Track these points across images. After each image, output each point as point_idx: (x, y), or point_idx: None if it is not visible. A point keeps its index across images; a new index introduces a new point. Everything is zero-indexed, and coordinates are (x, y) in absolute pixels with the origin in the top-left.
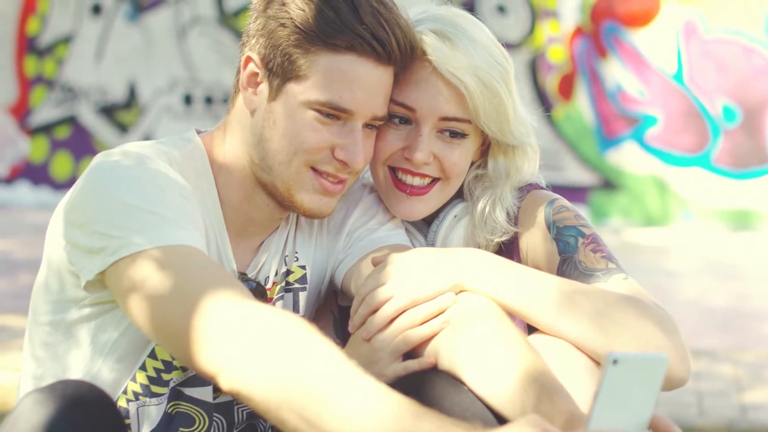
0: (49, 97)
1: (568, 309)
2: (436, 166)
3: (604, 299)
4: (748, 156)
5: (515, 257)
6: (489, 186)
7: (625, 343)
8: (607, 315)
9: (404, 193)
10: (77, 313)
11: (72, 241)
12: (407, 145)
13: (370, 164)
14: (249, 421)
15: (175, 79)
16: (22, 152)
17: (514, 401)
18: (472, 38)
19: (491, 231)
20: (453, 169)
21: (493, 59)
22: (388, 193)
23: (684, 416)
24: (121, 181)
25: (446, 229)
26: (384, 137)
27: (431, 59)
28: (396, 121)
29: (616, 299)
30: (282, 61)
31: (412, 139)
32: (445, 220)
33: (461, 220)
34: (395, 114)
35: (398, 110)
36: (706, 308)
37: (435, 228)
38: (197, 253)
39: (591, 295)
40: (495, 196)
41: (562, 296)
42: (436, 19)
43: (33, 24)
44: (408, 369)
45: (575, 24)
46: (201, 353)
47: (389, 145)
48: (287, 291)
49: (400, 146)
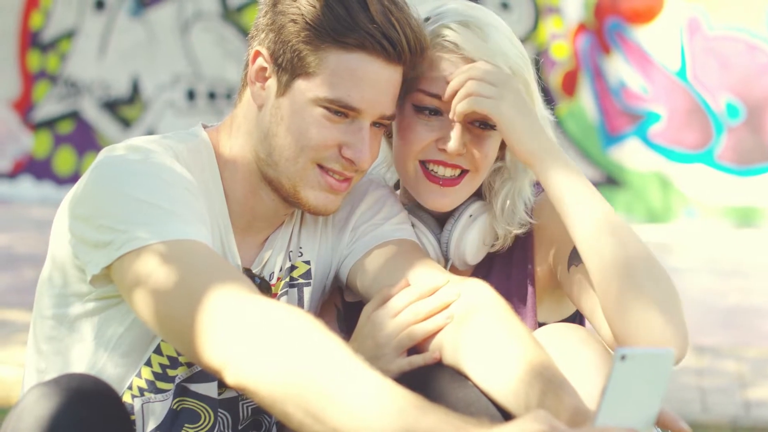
0: (52, 92)
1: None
2: (467, 158)
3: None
4: (752, 153)
5: (529, 253)
6: (508, 178)
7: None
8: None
9: (437, 184)
10: (81, 308)
11: (78, 235)
12: (440, 136)
13: (399, 158)
14: (254, 417)
15: (178, 75)
16: (25, 147)
17: (518, 396)
18: (497, 28)
19: (510, 222)
20: (483, 161)
21: (518, 49)
22: (418, 185)
23: (687, 413)
24: (127, 176)
25: (461, 228)
26: (414, 129)
27: (463, 50)
28: (426, 113)
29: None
30: (291, 57)
31: (445, 130)
32: (461, 219)
33: (476, 219)
34: (425, 106)
35: (430, 101)
36: (710, 305)
37: (450, 227)
38: (203, 248)
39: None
40: (515, 189)
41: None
42: (458, 12)
43: (36, 19)
44: (413, 364)
45: (578, 20)
46: (206, 348)
47: (420, 137)
48: (292, 286)
49: (433, 138)
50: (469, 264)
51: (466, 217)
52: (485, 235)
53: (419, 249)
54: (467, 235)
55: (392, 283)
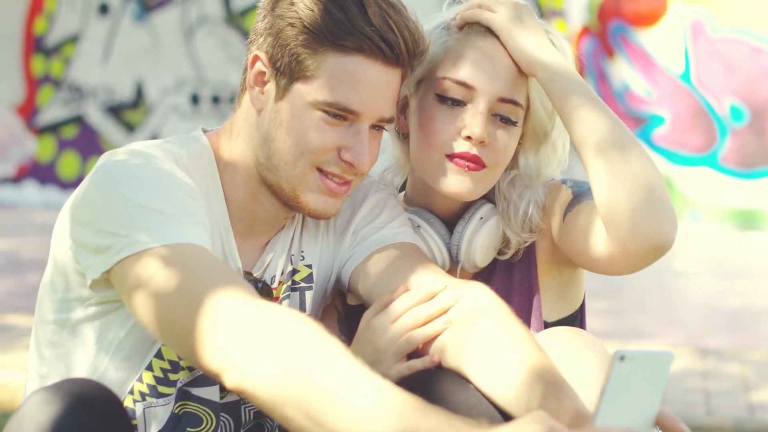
0: (56, 97)
1: None
2: (488, 150)
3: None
4: (756, 156)
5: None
6: (526, 187)
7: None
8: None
9: (462, 168)
10: (83, 312)
11: (78, 239)
12: (464, 125)
13: (422, 152)
14: (256, 421)
15: (182, 79)
16: (29, 152)
17: (520, 399)
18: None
19: (524, 228)
20: (502, 155)
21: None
22: (442, 171)
23: (691, 416)
24: (128, 180)
25: (472, 230)
26: (438, 119)
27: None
28: (449, 102)
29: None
30: (289, 61)
31: (468, 119)
32: (471, 222)
33: (487, 221)
34: (447, 96)
35: (454, 90)
36: (714, 308)
37: (460, 229)
38: (203, 252)
39: None
40: (533, 198)
41: None
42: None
43: (40, 24)
44: (412, 369)
45: (582, 24)
46: (206, 351)
47: (445, 128)
48: (294, 290)
49: (457, 127)
50: (478, 266)
51: (477, 219)
52: (495, 238)
53: (420, 252)
54: (478, 236)
55: (393, 287)
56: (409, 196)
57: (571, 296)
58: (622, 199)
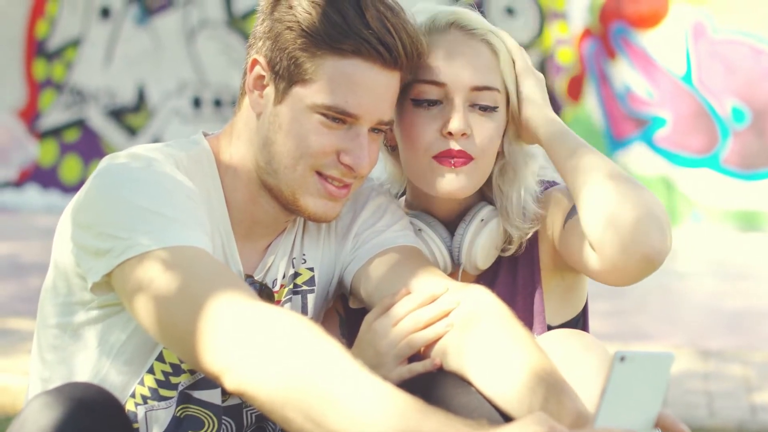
0: (58, 101)
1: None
2: (472, 142)
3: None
4: (757, 157)
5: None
6: (513, 176)
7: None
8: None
9: (449, 166)
10: (84, 316)
11: (79, 243)
12: (443, 122)
13: (409, 159)
14: (258, 424)
15: (184, 82)
16: (31, 156)
17: (521, 402)
18: None
19: (524, 219)
20: (488, 143)
21: None
22: (431, 173)
23: (693, 417)
24: (129, 183)
25: (472, 233)
26: (417, 122)
27: (462, 25)
28: (425, 105)
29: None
30: (288, 65)
31: (446, 115)
32: (472, 224)
33: (488, 223)
34: (423, 98)
35: (427, 90)
36: (716, 309)
37: (461, 231)
38: (204, 255)
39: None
40: (521, 183)
41: None
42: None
43: (41, 27)
44: (413, 372)
45: (584, 25)
46: (206, 353)
47: (425, 129)
48: (295, 293)
49: (437, 127)
50: (480, 268)
51: (477, 221)
52: (497, 239)
53: (421, 255)
54: (479, 239)
55: (395, 290)
56: (409, 201)
57: (574, 300)
58: (601, 218)
